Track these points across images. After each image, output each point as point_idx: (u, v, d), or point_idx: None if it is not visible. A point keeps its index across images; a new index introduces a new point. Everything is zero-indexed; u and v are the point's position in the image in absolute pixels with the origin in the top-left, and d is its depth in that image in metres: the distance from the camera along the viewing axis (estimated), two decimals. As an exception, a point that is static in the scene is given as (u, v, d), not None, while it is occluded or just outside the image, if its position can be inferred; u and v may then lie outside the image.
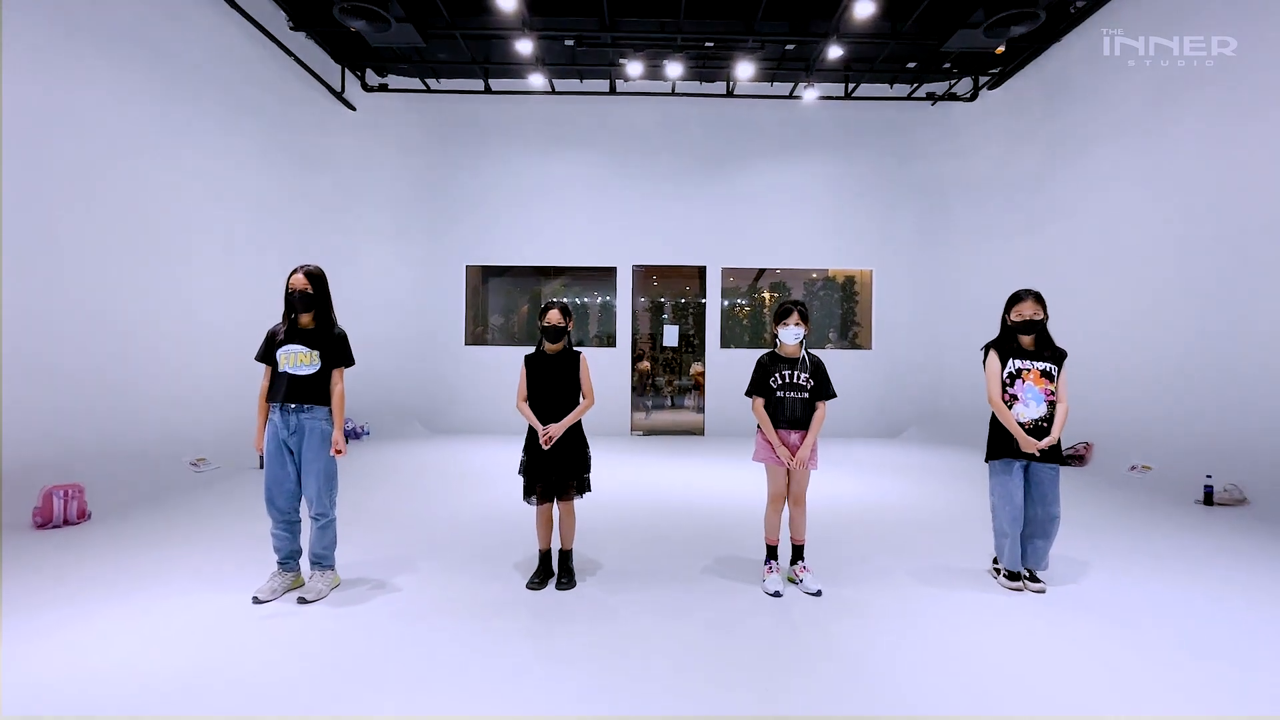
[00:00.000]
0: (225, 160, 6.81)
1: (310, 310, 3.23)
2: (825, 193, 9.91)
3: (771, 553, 3.43)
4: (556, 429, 3.31)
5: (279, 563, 3.24)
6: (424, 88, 9.55)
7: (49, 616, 2.89)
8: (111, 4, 5.44)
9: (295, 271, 3.21)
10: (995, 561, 3.54)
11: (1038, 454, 3.25)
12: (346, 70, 8.97)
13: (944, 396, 9.69)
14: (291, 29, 7.73)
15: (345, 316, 3.68)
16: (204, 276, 6.51)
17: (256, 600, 3.07)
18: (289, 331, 3.24)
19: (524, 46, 7.65)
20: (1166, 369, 6.46)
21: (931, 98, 9.56)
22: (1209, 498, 5.29)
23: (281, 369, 3.17)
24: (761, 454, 3.38)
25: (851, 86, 9.43)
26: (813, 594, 3.24)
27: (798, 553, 3.43)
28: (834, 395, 3.36)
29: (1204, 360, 6.08)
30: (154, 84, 5.88)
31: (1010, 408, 3.34)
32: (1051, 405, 3.31)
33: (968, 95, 9.35)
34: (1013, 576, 3.35)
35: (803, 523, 3.41)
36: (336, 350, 3.25)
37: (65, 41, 5.01)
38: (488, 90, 9.46)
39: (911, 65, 8.83)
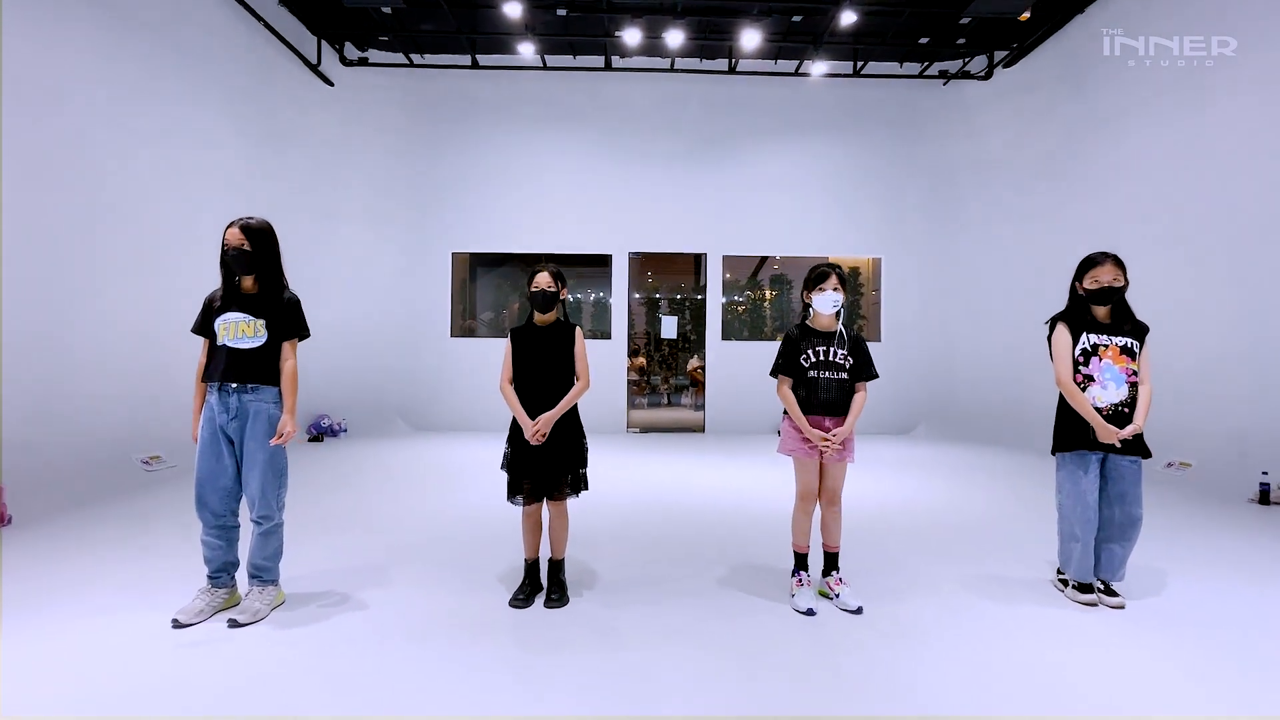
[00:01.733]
0: (186, 133, 6.21)
1: (252, 273, 2.67)
2: (831, 176, 9.41)
3: (801, 562, 2.90)
4: (546, 421, 2.76)
5: (209, 576, 2.68)
6: (407, 62, 8.97)
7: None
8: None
9: (230, 225, 2.64)
10: (1060, 571, 3.03)
11: (1118, 444, 2.74)
12: (324, 42, 8.38)
13: (957, 391, 9.20)
14: (262, -7, 7.14)
15: (322, 305, 3.12)
16: (164, 258, 5.91)
17: (177, 624, 2.51)
18: (226, 297, 2.68)
19: (513, 10, 7.10)
20: (1201, 361, 6.01)
21: (944, 76, 9.08)
22: (1265, 496, 4.82)
23: (220, 341, 2.62)
24: (788, 444, 2.85)
25: (860, 64, 8.94)
26: (852, 611, 2.71)
27: (831, 562, 2.89)
28: (876, 375, 2.84)
29: (1241, 351, 5.66)
30: (104, 43, 5.28)
31: (1084, 390, 2.82)
32: (1133, 387, 2.79)
33: (982, 74, 8.87)
34: (1084, 589, 2.83)
35: (837, 526, 2.88)
36: (286, 319, 2.70)
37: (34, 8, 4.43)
38: (475, 65, 8.90)
39: (924, 40, 8.34)
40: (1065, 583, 2.95)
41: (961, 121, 9.26)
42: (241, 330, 2.62)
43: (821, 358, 2.81)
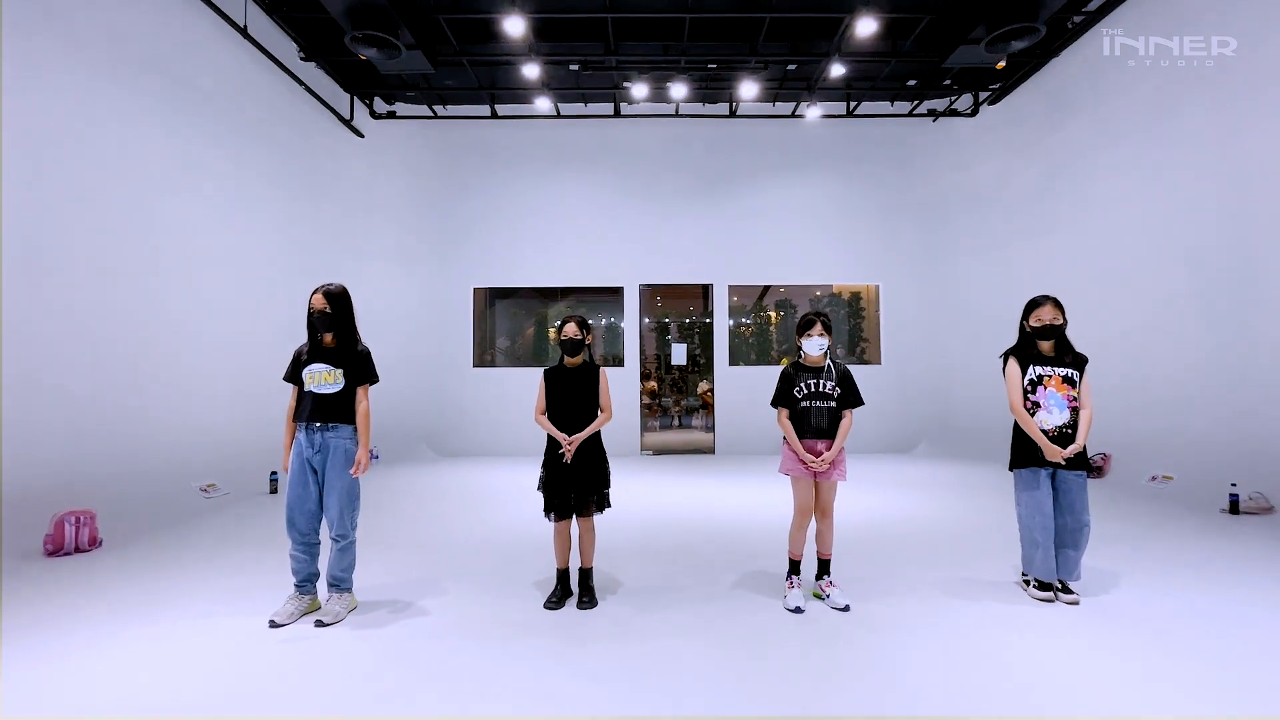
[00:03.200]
0: (236, 186, 6.89)
1: (331, 330, 3.23)
2: (829, 209, 9.97)
3: (794, 568, 3.37)
4: (575, 441, 3.29)
5: (296, 585, 3.19)
6: (431, 114, 9.69)
7: (59, 644, 2.84)
8: (128, 33, 5.55)
9: (315, 292, 3.21)
10: (1024, 573, 3.46)
11: (1063, 461, 3.20)
12: (355, 98, 9.11)
13: (955, 410, 9.62)
14: (302, 59, 7.87)
15: None
16: (214, 301, 6.53)
17: (273, 624, 3.01)
18: (312, 351, 3.23)
19: (530, 71, 7.78)
20: (1182, 378, 6.40)
21: (933, 114, 9.66)
22: (1234, 506, 5.20)
23: (307, 388, 3.16)
24: (787, 465, 3.33)
25: (853, 104, 9.55)
26: (840, 609, 3.17)
27: (824, 567, 3.36)
28: (861, 403, 3.32)
29: (1220, 367, 6.03)
30: (166, 111, 5.96)
31: (1033, 415, 3.30)
32: (1075, 411, 3.27)
33: (969, 111, 9.45)
34: (1044, 587, 3.27)
35: (830, 536, 3.35)
36: (359, 367, 3.24)
37: (81, 68, 5.10)
38: (494, 115, 9.59)
39: (912, 83, 8.93)
40: (1028, 582, 3.38)
41: (952, 155, 9.82)
42: (324, 378, 3.16)
43: (812, 389, 3.29)
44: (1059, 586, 3.29)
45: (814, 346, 3.31)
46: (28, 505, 4.38)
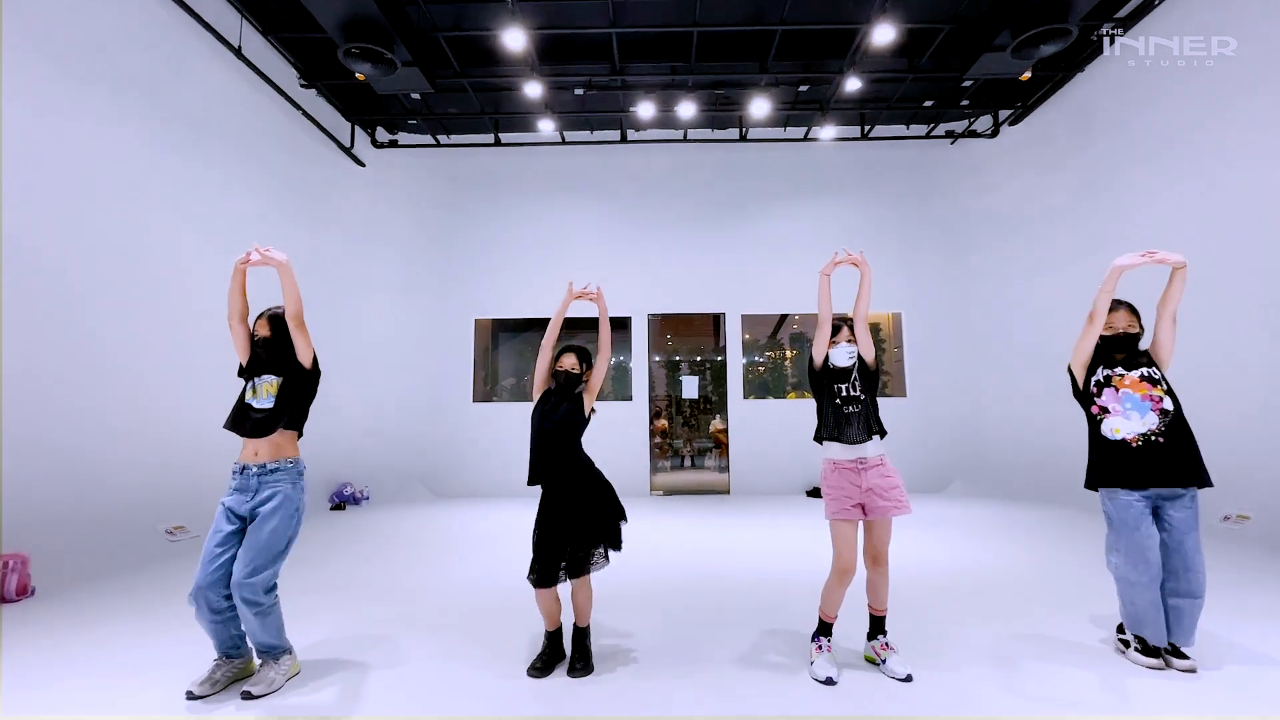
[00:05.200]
0: (231, 214, 6.56)
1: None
2: (845, 234, 9.51)
3: (824, 629, 2.71)
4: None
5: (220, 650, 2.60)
6: (434, 142, 9.48)
7: (-77, 722, 2.27)
8: (121, 54, 5.34)
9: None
10: (1121, 631, 2.81)
11: (1167, 262, 2.66)
12: (356, 126, 8.93)
13: (989, 445, 8.92)
14: (303, 85, 7.69)
15: (348, 373, 3.19)
16: (200, 332, 6.11)
17: (190, 695, 2.42)
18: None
19: (533, 91, 7.52)
20: (1250, 408, 5.75)
21: (951, 135, 9.31)
22: (1336, 549, 4.48)
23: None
24: (830, 506, 2.69)
25: (868, 127, 9.23)
26: (901, 679, 2.52)
27: (878, 625, 2.71)
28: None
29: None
30: (161, 134, 5.71)
31: (1100, 423, 2.71)
32: (1164, 414, 2.65)
33: (989, 132, 9.09)
34: (1151, 652, 2.61)
35: (885, 589, 2.71)
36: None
37: (75, 90, 4.90)
38: (498, 143, 9.36)
39: (929, 103, 8.61)
40: (1127, 644, 2.72)
41: (971, 177, 9.41)
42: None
43: (846, 394, 2.75)
44: (1169, 650, 2.63)
45: (843, 356, 2.78)
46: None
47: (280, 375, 2.70)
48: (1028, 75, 6.70)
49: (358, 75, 6.42)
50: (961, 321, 9.34)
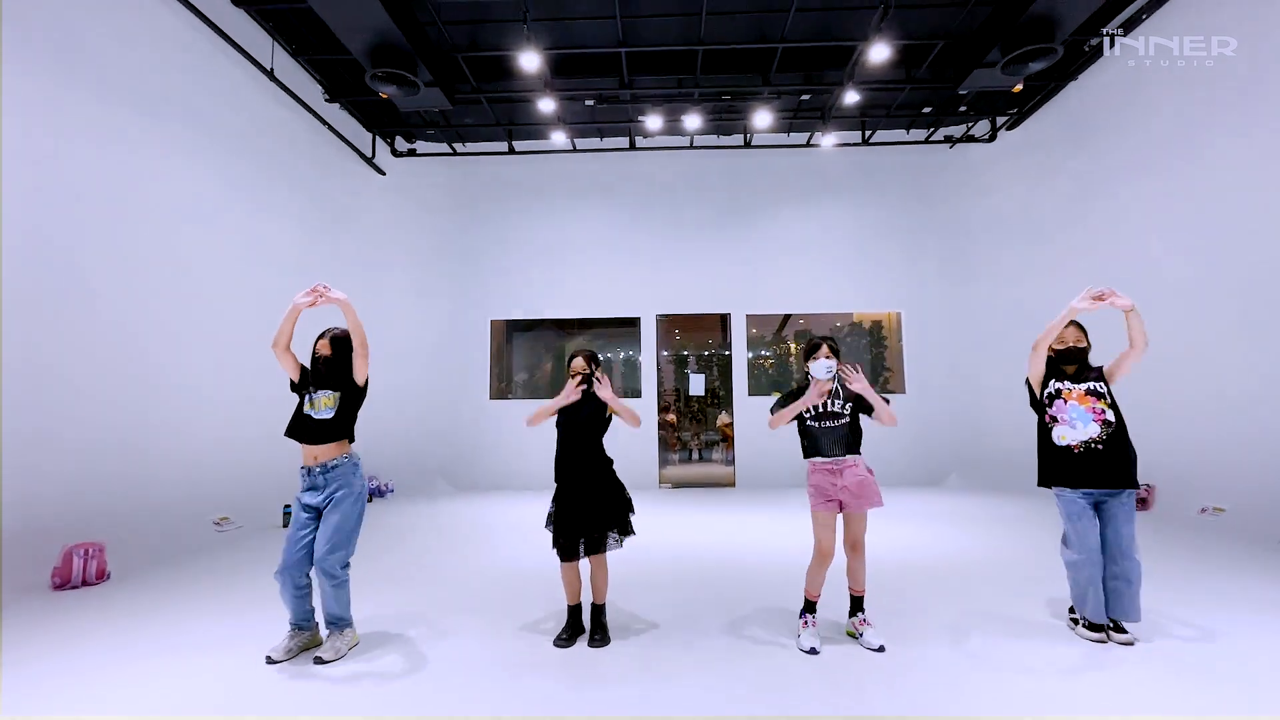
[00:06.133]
0: (260, 223, 7.01)
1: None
2: (848, 237, 9.87)
3: (809, 607, 3.13)
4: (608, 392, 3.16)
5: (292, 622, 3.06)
6: (450, 151, 9.89)
7: (58, 679, 2.73)
8: (156, 75, 5.73)
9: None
10: (1072, 611, 3.20)
11: (1120, 305, 2.99)
12: (377, 137, 9.34)
13: (987, 440, 9.26)
14: (327, 100, 8.11)
15: (372, 373, 3.62)
16: (236, 336, 6.57)
17: (270, 660, 2.88)
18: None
19: (546, 106, 7.90)
20: (1232, 405, 6.06)
21: (949, 140, 9.60)
22: (1297, 539, 4.83)
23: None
24: (812, 499, 3.11)
25: (868, 133, 9.53)
26: (875, 650, 2.93)
27: (857, 604, 3.13)
28: (881, 407, 3.07)
29: (1271, 392, 5.70)
30: (194, 150, 6.13)
31: (1050, 431, 3.10)
32: (1104, 424, 3.03)
33: (986, 137, 9.37)
34: (1096, 627, 3.00)
35: (862, 571, 3.12)
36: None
37: (110, 109, 5.26)
38: (511, 151, 9.75)
39: (927, 110, 8.91)
40: (1076, 622, 3.11)
41: (970, 180, 9.70)
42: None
43: (822, 409, 3.12)
44: (1111, 626, 3.02)
45: (821, 369, 3.16)
46: (35, 537, 4.33)
47: (337, 390, 3.11)
48: (1019, 88, 6.99)
49: (382, 94, 6.81)
50: (960, 319, 9.66)
